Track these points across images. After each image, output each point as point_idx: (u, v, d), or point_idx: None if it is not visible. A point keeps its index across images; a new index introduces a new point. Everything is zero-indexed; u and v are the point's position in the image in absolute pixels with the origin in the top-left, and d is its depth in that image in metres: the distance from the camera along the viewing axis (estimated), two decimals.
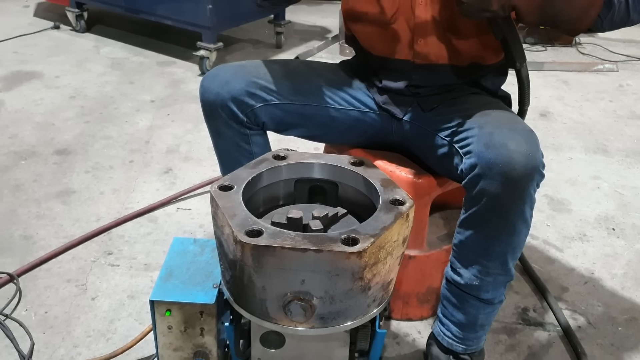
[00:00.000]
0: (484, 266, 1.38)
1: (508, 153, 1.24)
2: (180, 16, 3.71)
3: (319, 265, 1.10)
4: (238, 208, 1.18)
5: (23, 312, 1.80)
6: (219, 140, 1.65)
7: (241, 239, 1.09)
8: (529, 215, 1.32)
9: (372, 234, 1.14)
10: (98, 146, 2.77)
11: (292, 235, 1.11)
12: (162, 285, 1.36)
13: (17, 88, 3.36)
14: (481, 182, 1.27)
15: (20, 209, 2.29)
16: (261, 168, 1.32)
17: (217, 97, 1.54)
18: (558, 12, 1.30)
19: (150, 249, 2.09)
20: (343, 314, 1.20)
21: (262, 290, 1.14)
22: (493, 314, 1.50)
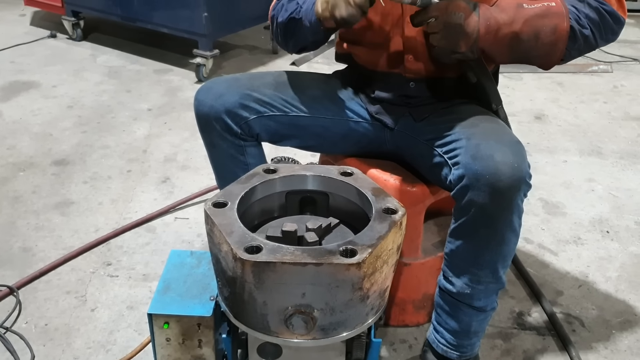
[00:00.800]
0: (475, 275, 1.40)
1: (494, 164, 1.26)
2: (176, 24, 3.73)
3: (319, 278, 1.12)
4: (234, 225, 1.19)
5: (23, 325, 1.81)
6: (214, 152, 1.67)
7: (241, 256, 1.10)
8: (517, 225, 1.34)
9: (369, 244, 1.16)
10: (96, 156, 2.79)
11: (291, 250, 1.13)
12: (159, 299, 1.38)
13: (14, 98, 3.38)
14: (469, 193, 1.29)
15: (20, 220, 2.31)
16: (253, 182, 1.34)
17: (211, 109, 1.56)
18: (526, 50, 1.39)
19: (148, 259, 2.11)
20: (343, 324, 1.22)
21: (263, 305, 1.16)
22: (486, 321, 1.53)
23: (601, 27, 1.40)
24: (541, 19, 1.35)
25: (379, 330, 1.80)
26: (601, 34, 1.41)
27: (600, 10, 1.39)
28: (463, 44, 1.36)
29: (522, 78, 3.84)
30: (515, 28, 1.35)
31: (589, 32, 1.39)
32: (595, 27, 1.39)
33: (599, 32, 1.40)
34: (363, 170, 1.71)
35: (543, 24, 1.35)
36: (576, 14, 1.38)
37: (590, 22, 1.39)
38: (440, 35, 1.36)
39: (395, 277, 1.76)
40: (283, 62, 4.13)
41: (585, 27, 1.38)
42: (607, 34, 1.43)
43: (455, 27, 1.33)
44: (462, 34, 1.34)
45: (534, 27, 1.35)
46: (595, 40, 1.41)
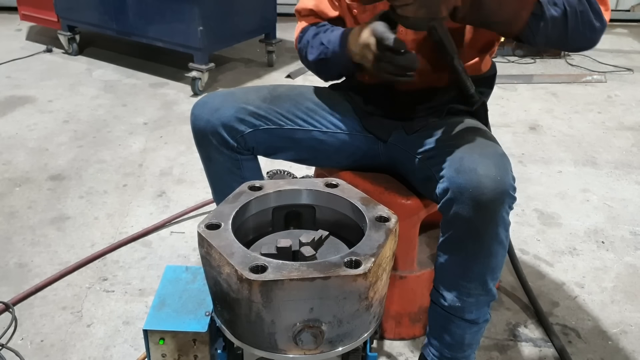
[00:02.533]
0: (465, 288, 1.40)
1: (477, 178, 1.27)
2: (171, 38, 3.75)
3: (326, 292, 1.13)
4: (233, 245, 1.18)
5: (19, 341, 1.81)
6: (210, 166, 1.68)
7: (247, 277, 1.09)
8: (504, 237, 1.34)
9: (371, 254, 1.18)
10: (92, 170, 2.80)
11: (297, 266, 1.13)
12: (155, 314, 1.38)
13: (10, 113, 3.39)
14: (454, 206, 1.30)
15: (15, 236, 2.30)
16: (241, 201, 1.34)
17: (207, 124, 1.57)
18: (490, 12, 1.31)
19: (144, 273, 2.11)
20: (349, 334, 1.22)
21: (271, 324, 1.15)
22: (480, 333, 1.52)
23: (578, 15, 1.32)
24: None
25: (375, 344, 1.80)
26: (577, 24, 1.32)
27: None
28: (444, 8, 1.25)
29: (517, 89, 3.86)
30: None
31: (561, 13, 1.31)
32: (572, 13, 1.31)
33: (574, 19, 1.32)
34: (358, 182, 1.73)
35: None
36: None
37: (568, 4, 1.31)
38: (417, 5, 1.23)
39: (391, 290, 1.76)
40: (278, 74, 4.15)
41: (558, 7, 1.30)
42: (585, 27, 1.35)
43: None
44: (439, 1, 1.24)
45: None
46: (567, 30, 1.33)
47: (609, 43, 4.97)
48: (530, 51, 4.45)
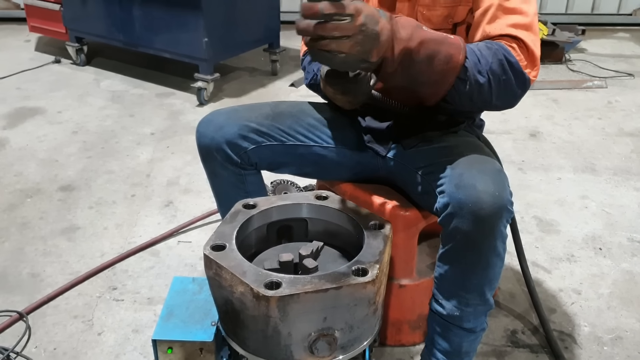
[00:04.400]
0: (463, 298, 1.46)
1: (476, 193, 1.32)
2: (176, 49, 3.82)
3: (339, 301, 1.20)
4: (244, 265, 1.25)
5: (33, 349, 1.88)
6: (216, 181, 1.74)
7: (264, 294, 1.16)
8: (501, 249, 1.40)
9: (374, 261, 1.27)
10: (101, 181, 2.86)
11: (309, 279, 1.20)
12: (163, 325, 1.44)
13: (21, 125, 3.46)
14: (454, 221, 1.36)
15: (28, 246, 2.37)
16: (239, 220, 1.40)
17: (212, 141, 1.64)
18: (417, 73, 1.33)
19: (153, 282, 2.18)
20: (359, 338, 1.30)
21: (287, 336, 1.22)
22: (477, 341, 1.58)
23: (501, 84, 1.38)
24: (438, 45, 1.31)
25: (376, 350, 1.86)
26: (500, 91, 1.39)
27: (505, 64, 1.36)
28: (375, 53, 1.24)
29: None
30: (411, 45, 1.28)
31: (486, 82, 1.36)
32: (495, 81, 1.37)
33: (497, 87, 1.38)
34: (358, 194, 1.80)
35: (439, 50, 1.31)
36: (477, 59, 1.35)
37: (492, 73, 1.36)
38: (353, 41, 1.19)
39: (391, 299, 1.83)
40: (282, 83, 4.22)
41: (483, 75, 1.35)
42: (507, 94, 1.41)
43: (372, 33, 1.20)
44: (377, 41, 1.22)
45: (429, 49, 1.30)
46: (491, 95, 1.39)
47: (610, 47, 5.01)
48: None
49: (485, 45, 1.39)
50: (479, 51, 1.36)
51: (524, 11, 1.42)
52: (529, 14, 1.43)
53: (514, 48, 1.39)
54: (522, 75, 1.39)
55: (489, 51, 1.37)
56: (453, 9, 1.51)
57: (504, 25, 1.42)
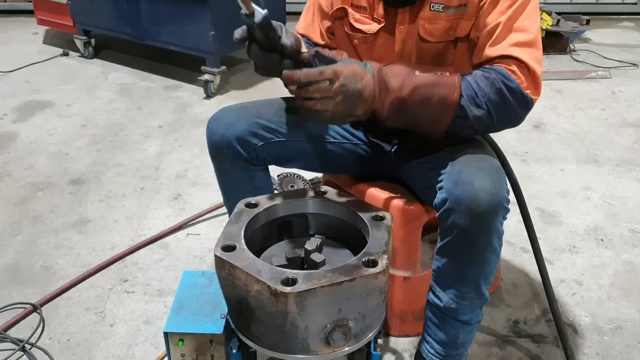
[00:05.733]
0: (460, 291, 1.51)
1: (473, 190, 1.36)
2: (183, 42, 3.86)
3: (352, 292, 1.26)
4: (257, 263, 1.29)
5: (47, 341, 1.93)
6: (224, 177, 1.78)
7: (282, 290, 1.20)
8: (497, 245, 1.44)
9: (382, 252, 1.32)
10: (110, 174, 2.91)
11: (322, 273, 1.25)
12: (174, 318, 1.50)
13: (30, 118, 3.52)
14: (452, 216, 1.40)
15: (40, 239, 2.43)
16: (245, 219, 1.44)
17: (222, 138, 1.67)
18: (413, 116, 1.42)
19: (163, 275, 2.23)
20: (370, 326, 1.36)
21: (304, 330, 1.27)
22: (472, 332, 1.63)
23: (502, 110, 1.42)
24: (431, 88, 1.38)
25: (381, 341, 1.91)
26: (502, 117, 1.43)
27: (504, 92, 1.39)
28: (360, 108, 1.37)
29: None
30: (403, 94, 1.37)
31: (485, 113, 1.40)
32: (495, 109, 1.41)
33: (499, 115, 1.42)
34: (364, 189, 1.84)
35: (432, 93, 1.38)
36: (474, 92, 1.39)
37: (490, 103, 1.40)
38: (335, 101, 1.32)
39: (396, 290, 1.87)
40: None
41: (481, 108, 1.40)
42: (510, 117, 1.45)
43: (353, 91, 1.33)
44: (359, 98, 1.34)
45: (422, 94, 1.38)
46: (493, 123, 1.43)
47: (614, 37, 5.02)
48: None
49: (482, 74, 1.41)
50: (476, 83, 1.40)
51: (526, 28, 1.43)
52: (532, 30, 1.43)
53: (513, 71, 1.40)
54: (524, 97, 1.42)
55: (487, 81, 1.40)
56: (455, 22, 1.51)
57: (506, 46, 1.42)
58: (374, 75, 1.38)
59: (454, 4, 1.49)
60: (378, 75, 1.38)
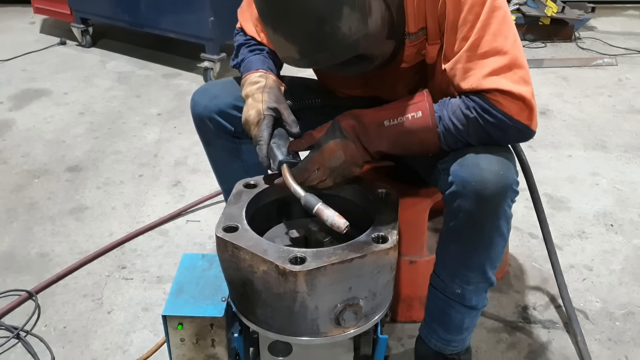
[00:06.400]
0: (465, 275, 1.44)
1: (480, 172, 1.28)
2: (183, 29, 3.79)
3: (363, 269, 1.20)
4: (262, 243, 1.23)
5: (43, 328, 1.88)
6: (211, 151, 1.74)
7: (291, 269, 1.15)
8: (505, 229, 1.37)
9: (391, 227, 1.28)
10: (108, 161, 2.86)
11: (332, 251, 1.20)
12: (173, 301, 1.43)
13: (27, 106, 3.46)
14: (457, 200, 1.32)
15: (36, 226, 2.37)
16: (244, 200, 1.39)
17: (205, 109, 1.62)
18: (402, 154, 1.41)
19: (162, 261, 2.17)
20: (380, 305, 1.31)
21: (314, 310, 1.21)
22: (477, 317, 1.56)
23: (494, 142, 1.33)
24: (405, 136, 1.33)
25: (387, 326, 1.85)
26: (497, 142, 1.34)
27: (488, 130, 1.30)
28: (355, 170, 1.39)
29: None
30: (380, 148, 1.36)
31: (474, 142, 1.33)
32: (485, 142, 1.33)
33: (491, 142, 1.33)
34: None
35: (408, 140, 1.34)
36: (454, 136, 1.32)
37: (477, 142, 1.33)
38: (331, 179, 1.38)
39: (402, 275, 1.82)
40: None
41: (467, 140, 1.33)
42: (508, 142, 1.39)
43: (342, 165, 1.36)
44: (349, 164, 1.36)
45: (398, 144, 1.35)
46: (469, 143, 1.34)
47: (620, 25, 4.95)
48: (540, 35, 4.45)
49: (462, 112, 1.31)
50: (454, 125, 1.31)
51: (498, 49, 1.27)
52: (505, 48, 1.28)
53: (498, 102, 1.27)
54: (514, 129, 1.30)
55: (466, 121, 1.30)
56: (421, 46, 1.43)
57: (480, 78, 1.28)
58: (350, 137, 1.35)
59: (413, 31, 1.40)
60: (353, 135, 1.35)
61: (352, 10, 1.18)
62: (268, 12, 1.25)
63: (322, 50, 1.23)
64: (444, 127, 1.32)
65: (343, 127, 1.36)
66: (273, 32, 1.27)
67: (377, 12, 1.26)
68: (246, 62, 1.61)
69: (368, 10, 1.22)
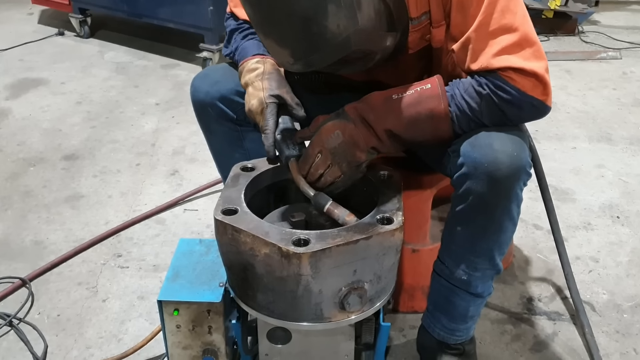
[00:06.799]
0: (472, 262, 1.38)
1: (493, 153, 1.24)
2: (182, 19, 3.74)
3: (369, 251, 1.16)
4: (264, 225, 1.19)
5: (36, 316, 1.83)
6: (212, 139, 1.68)
7: (295, 251, 1.10)
8: (515, 213, 1.32)
9: (396, 209, 1.24)
10: (105, 150, 2.81)
11: (336, 232, 1.16)
12: (169, 286, 1.39)
13: (23, 95, 3.41)
14: (467, 182, 1.27)
15: (31, 214, 2.32)
16: (242, 183, 1.34)
17: (206, 95, 1.56)
18: (410, 140, 1.32)
19: (158, 250, 2.12)
20: (385, 289, 1.27)
21: (318, 294, 1.17)
22: (482, 305, 1.51)
23: (504, 123, 1.29)
24: (413, 107, 1.27)
25: (388, 317, 1.80)
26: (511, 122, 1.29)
27: (502, 108, 1.26)
28: (359, 154, 1.30)
29: None
30: (387, 125, 1.29)
31: (488, 123, 1.28)
32: (495, 123, 1.28)
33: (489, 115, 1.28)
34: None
35: (417, 112, 1.27)
36: (468, 114, 1.28)
37: (487, 120, 1.28)
38: (336, 166, 1.30)
39: (404, 264, 1.77)
40: None
41: (479, 120, 1.28)
42: (521, 121, 1.33)
43: (341, 146, 1.28)
44: (351, 146, 1.29)
45: (406, 118, 1.28)
46: (483, 124, 1.29)
47: (624, 20, 4.90)
48: (543, 29, 4.39)
49: (474, 90, 1.27)
50: (466, 102, 1.27)
51: (508, 26, 1.24)
52: (515, 25, 1.24)
53: (510, 78, 1.23)
54: (528, 105, 1.26)
55: (479, 98, 1.26)
56: (425, 30, 1.37)
57: (489, 57, 1.25)
58: (352, 118, 1.29)
59: (415, 15, 1.33)
60: (356, 115, 1.30)
61: (338, 7, 1.12)
62: (255, 16, 1.21)
63: (313, 51, 1.17)
64: (456, 107, 1.28)
65: (345, 110, 1.32)
66: (265, 38, 1.24)
67: (368, 6, 1.19)
68: (240, 49, 1.56)
69: (357, 5, 1.15)
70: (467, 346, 1.58)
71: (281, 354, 1.39)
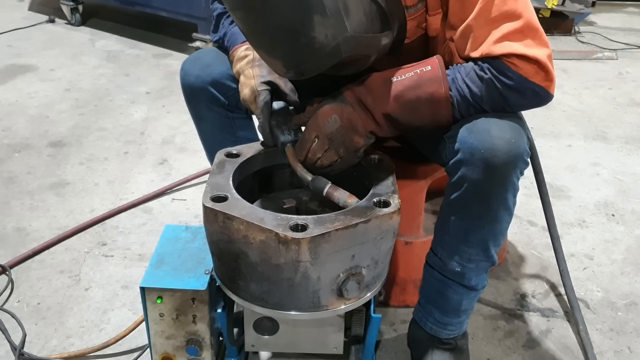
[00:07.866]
0: (466, 253, 1.34)
1: (490, 139, 1.19)
2: (175, 8, 3.69)
3: (367, 235, 1.13)
4: (257, 211, 1.14)
5: (15, 304, 1.77)
6: (202, 125, 1.62)
7: (294, 237, 1.06)
8: (511, 203, 1.27)
9: (391, 192, 1.22)
10: (93, 138, 2.75)
11: (334, 217, 1.12)
12: (152, 272, 1.34)
13: (11, 81, 3.34)
14: (463, 168, 1.23)
15: (14, 201, 2.27)
16: (229, 170, 1.30)
17: (197, 79, 1.51)
18: (408, 124, 1.28)
19: (144, 239, 2.07)
20: (380, 275, 1.25)
21: (316, 281, 1.13)
22: (476, 299, 1.46)
23: (505, 109, 1.26)
24: (413, 90, 1.23)
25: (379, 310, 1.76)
26: (511, 109, 1.26)
27: (503, 93, 1.23)
28: (357, 139, 1.26)
29: None
30: (386, 109, 1.25)
31: (488, 108, 1.25)
32: (496, 109, 1.25)
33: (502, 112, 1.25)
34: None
35: (416, 96, 1.23)
36: (468, 98, 1.24)
37: (488, 106, 1.25)
38: (333, 150, 1.26)
39: (396, 257, 1.73)
40: None
41: (480, 105, 1.24)
42: (523, 108, 1.29)
43: (339, 130, 1.24)
44: (348, 130, 1.25)
45: (406, 101, 1.24)
46: (483, 110, 1.25)
47: (620, 21, 4.89)
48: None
49: (475, 74, 1.23)
50: (467, 87, 1.23)
51: (510, 13, 1.19)
52: (517, 11, 1.19)
53: (511, 63, 1.20)
54: (530, 91, 1.22)
55: (481, 83, 1.23)
56: (421, 18, 1.32)
57: (490, 44, 1.20)
58: (349, 102, 1.25)
59: (411, 3, 1.29)
60: (353, 99, 1.26)
61: (324, 16, 1.07)
62: (244, 29, 1.17)
63: (303, 62, 1.14)
64: (457, 92, 1.24)
65: (343, 92, 1.27)
66: (256, 48, 1.21)
67: (357, 11, 1.14)
68: (229, 35, 1.50)
69: (344, 12, 1.10)
70: (459, 341, 1.53)
71: (268, 345, 1.34)
